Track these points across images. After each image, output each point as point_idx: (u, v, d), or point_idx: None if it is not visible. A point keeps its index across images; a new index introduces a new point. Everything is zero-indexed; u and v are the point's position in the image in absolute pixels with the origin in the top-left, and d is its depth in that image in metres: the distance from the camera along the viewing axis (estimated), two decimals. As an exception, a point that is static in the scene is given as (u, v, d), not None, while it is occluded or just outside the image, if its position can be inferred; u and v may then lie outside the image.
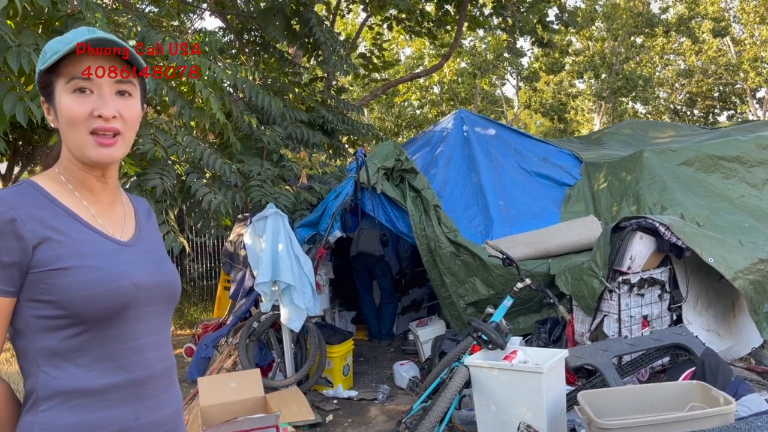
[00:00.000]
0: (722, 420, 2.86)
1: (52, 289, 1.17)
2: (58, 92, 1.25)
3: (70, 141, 1.25)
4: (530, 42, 12.20)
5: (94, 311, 1.19)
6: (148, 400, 1.26)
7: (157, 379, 1.29)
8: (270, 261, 4.99)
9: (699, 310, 4.86)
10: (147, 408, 1.26)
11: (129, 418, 1.22)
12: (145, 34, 4.72)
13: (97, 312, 1.20)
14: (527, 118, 28.54)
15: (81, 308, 1.18)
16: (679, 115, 24.12)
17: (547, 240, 5.42)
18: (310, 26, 7.29)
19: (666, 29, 19.72)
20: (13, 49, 3.62)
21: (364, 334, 7.10)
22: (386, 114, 20.66)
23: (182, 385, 5.78)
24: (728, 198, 5.68)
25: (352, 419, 4.73)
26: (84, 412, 1.18)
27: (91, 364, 1.20)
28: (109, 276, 1.22)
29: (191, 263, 11.47)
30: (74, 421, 1.17)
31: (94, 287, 1.19)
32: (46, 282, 1.17)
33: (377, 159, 5.65)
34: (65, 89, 1.24)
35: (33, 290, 1.17)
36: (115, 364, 1.22)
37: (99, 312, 1.20)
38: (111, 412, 1.20)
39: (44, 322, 1.18)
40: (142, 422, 1.24)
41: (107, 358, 1.22)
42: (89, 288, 1.19)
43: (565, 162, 6.77)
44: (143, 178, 4.78)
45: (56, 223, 1.20)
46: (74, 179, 1.29)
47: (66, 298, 1.17)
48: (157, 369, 1.29)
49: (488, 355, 3.78)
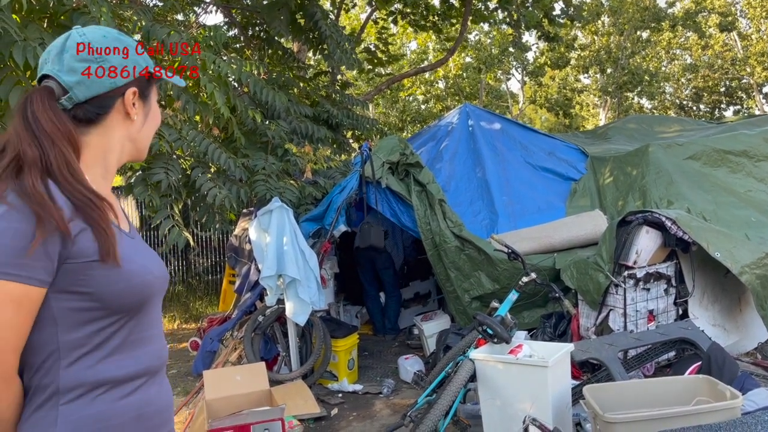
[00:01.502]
0: (729, 414, 2.85)
1: (91, 281, 1.17)
2: (152, 98, 1.38)
3: (147, 138, 1.37)
4: (536, 36, 12.16)
5: (126, 304, 1.22)
6: (157, 387, 1.30)
7: (162, 367, 1.34)
8: (275, 255, 4.99)
9: (705, 305, 4.84)
10: (157, 394, 1.30)
11: (143, 404, 1.26)
12: (149, 29, 4.72)
13: (129, 304, 1.22)
14: (532, 113, 28.46)
15: (115, 300, 1.20)
16: (685, 110, 24.02)
17: (552, 234, 5.40)
18: (315, 20, 7.27)
19: (672, 24, 19.58)
20: (19, 44, 3.62)
21: (369, 329, 7.11)
22: (391, 109, 20.62)
23: (188, 379, 5.80)
24: (735, 192, 5.65)
25: (357, 413, 4.73)
26: (106, 402, 1.20)
27: (112, 355, 1.22)
28: (140, 269, 1.24)
29: (196, 258, 11.49)
30: (97, 411, 1.19)
31: (129, 280, 1.21)
32: (85, 273, 1.16)
33: (382, 153, 5.64)
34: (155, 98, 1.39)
35: (68, 281, 1.15)
36: (133, 355, 1.25)
37: (130, 304, 1.23)
38: (129, 399, 1.23)
39: (75, 314, 1.17)
40: (153, 408, 1.28)
41: (127, 348, 1.24)
42: (126, 281, 1.20)
43: (571, 156, 6.74)
44: (148, 172, 4.78)
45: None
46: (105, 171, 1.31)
47: (104, 291, 1.18)
48: (163, 358, 1.34)
49: (493, 349, 3.78)
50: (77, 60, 1.24)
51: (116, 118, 1.30)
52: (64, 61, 1.24)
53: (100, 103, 1.27)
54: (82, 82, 1.24)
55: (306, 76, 8.65)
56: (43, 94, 1.22)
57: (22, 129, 1.18)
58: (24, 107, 1.21)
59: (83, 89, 1.24)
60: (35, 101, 1.20)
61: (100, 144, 1.29)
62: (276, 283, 5.07)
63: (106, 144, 1.30)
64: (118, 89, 1.28)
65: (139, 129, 1.35)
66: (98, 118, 1.28)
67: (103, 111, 1.28)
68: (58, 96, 1.23)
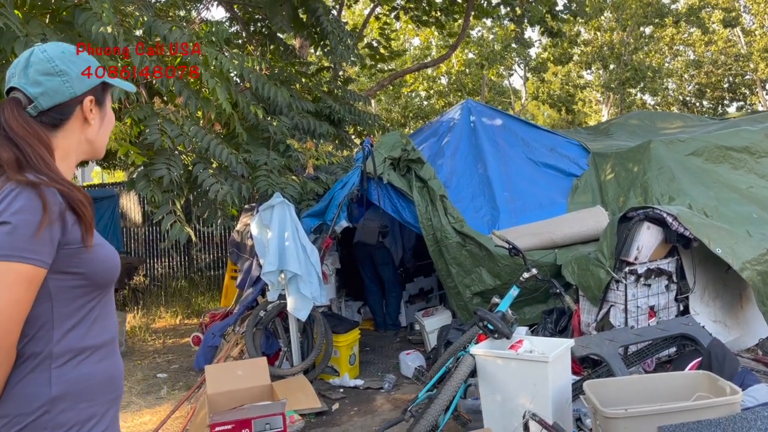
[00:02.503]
0: (728, 410, 2.85)
1: (82, 263, 1.39)
2: (107, 103, 1.58)
3: (103, 139, 1.58)
4: (539, 32, 12.13)
5: (105, 281, 1.46)
6: (118, 354, 1.55)
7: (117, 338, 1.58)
8: (276, 250, 5.00)
9: (706, 301, 4.84)
10: (119, 360, 1.54)
11: (113, 367, 1.50)
12: (151, 24, 4.72)
13: (106, 281, 1.47)
14: (535, 109, 28.40)
15: (100, 278, 1.44)
16: (688, 106, 23.96)
17: (553, 230, 5.40)
18: (317, 16, 7.26)
19: (676, 19, 19.53)
20: (21, 39, 3.63)
21: (370, 324, 7.13)
22: (393, 105, 20.61)
23: (190, 373, 5.83)
24: (737, 189, 5.64)
25: (358, 408, 4.75)
26: (88, 365, 1.42)
27: (93, 325, 1.45)
28: (111, 253, 1.48)
29: (198, 253, 11.52)
30: (82, 372, 1.41)
31: (108, 261, 1.46)
32: (78, 257, 1.38)
33: (384, 149, 5.64)
34: (109, 103, 1.60)
35: (65, 264, 1.37)
36: (104, 325, 1.48)
37: (106, 281, 1.47)
38: (104, 363, 1.47)
39: (69, 291, 1.39)
40: (118, 371, 1.53)
41: (101, 320, 1.47)
42: (106, 262, 1.45)
43: (573, 152, 6.73)
44: (150, 168, 4.79)
45: None
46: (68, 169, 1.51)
47: (92, 270, 1.42)
48: (117, 330, 1.58)
49: (494, 345, 3.79)
50: (40, 73, 1.43)
51: (76, 123, 1.50)
52: (29, 75, 1.43)
53: (62, 111, 1.46)
54: (45, 93, 1.43)
55: (308, 72, 8.65)
56: (12, 104, 1.41)
57: None
58: None
59: (46, 99, 1.43)
60: (5, 110, 1.40)
61: (64, 146, 1.49)
62: (277, 279, 5.08)
63: (69, 146, 1.50)
64: (77, 98, 1.48)
65: (97, 131, 1.55)
66: (61, 123, 1.47)
67: (64, 117, 1.47)
68: (24, 105, 1.42)
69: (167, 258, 11.82)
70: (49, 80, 1.43)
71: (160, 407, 4.98)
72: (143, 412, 4.90)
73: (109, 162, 11.77)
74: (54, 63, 1.44)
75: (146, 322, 8.35)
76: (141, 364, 6.39)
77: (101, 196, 11.23)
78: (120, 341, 6.75)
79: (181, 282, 10.78)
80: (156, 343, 7.29)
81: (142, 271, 11.32)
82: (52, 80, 1.43)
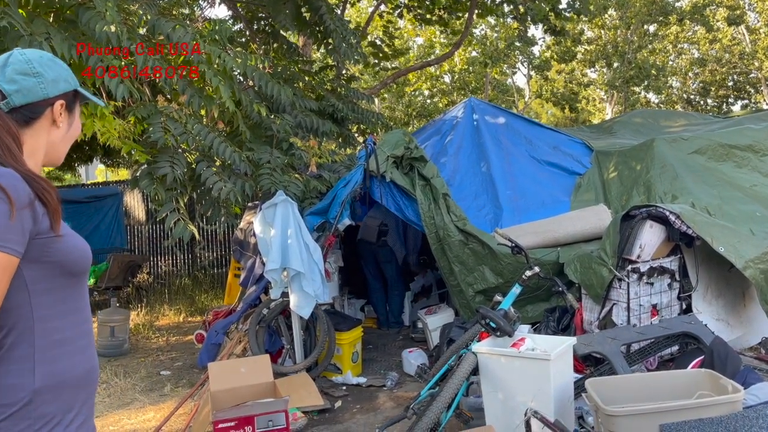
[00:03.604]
0: (730, 408, 2.86)
1: (56, 253, 1.42)
2: (76, 112, 1.63)
3: (66, 146, 1.62)
4: (542, 30, 12.11)
5: (78, 270, 1.48)
6: (93, 347, 1.57)
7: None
8: (279, 248, 5.01)
9: (709, 300, 4.84)
10: (95, 353, 1.57)
11: (92, 359, 1.53)
12: (155, 23, 4.73)
13: (80, 270, 1.49)
14: (538, 107, 28.37)
15: (73, 267, 1.46)
16: (692, 104, 23.88)
17: (556, 229, 5.40)
18: (321, 14, 7.27)
19: (680, 17, 19.46)
20: (25, 38, 3.65)
21: (373, 322, 7.14)
22: (396, 103, 20.60)
23: (193, 371, 5.85)
24: (740, 187, 5.64)
25: (360, 405, 4.76)
26: (68, 357, 1.46)
27: (69, 317, 1.48)
28: (81, 242, 1.51)
29: (202, 251, 11.55)
30: (63, 365, 1.44)
31: (78, 250, 1.48)
32: (50, 246, 1.40)
33: (387, 147, 5.65)
34: (78, 113, 1.64)
35: (38, 254, 1.39)
36: (81, 318, 1.52)
37: (80, 270, 1.49)
38: (83, 356, 1.50)
39: (44, 281, 1.41)
40: (96, 364, 1.55)
41: (77, 312, 1.50)
42: (76, 251, 1.47)
43: (576, 151, 6.73)
44: (154, 166, 4.81)
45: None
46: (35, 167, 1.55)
47: (65, 259, 1.44)
48: (91, 323, 1.59)
49: (496, 343, 3.79)
50: (17, 73, 1.50)
51: (44, 123, 1.55)
52: (6, 73, 1.49)
53: (33, 109, 1.52)
54: (19, 91, 1.49)
55: (311, 70, 8.66)
56: None
57: None
58: None
59: (20, 96, 1.49)
60: None
61: (31, 143, 1.54)
62: (280, 276, 5.09)
63: (36, 144, 1.55)
64: (48, 99, 1.54)
65: (62, 136, 1.59)
66: (30, 122, 1.53)
67: (34, 116, 1.53)
68: None
69: (171, 256, 11.85)
70: (25, 80, 1.49)
71: (164, 404, 5.00)
72: (147, 409, 4.92)
73: (113, 160, 11.79)
74: (32, 65, 1.52)
75: (150, 319, 8.38)
76: (144, 361, 6.41)
77: (105, 194, 11.26)
78: (124, 339, 6.77)
79: (184, 280, 10.80)
80: (159, 340, 7.32)
81: (145, 269, 11.34)
82: (28, 80, 1.50)
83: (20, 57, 1.52)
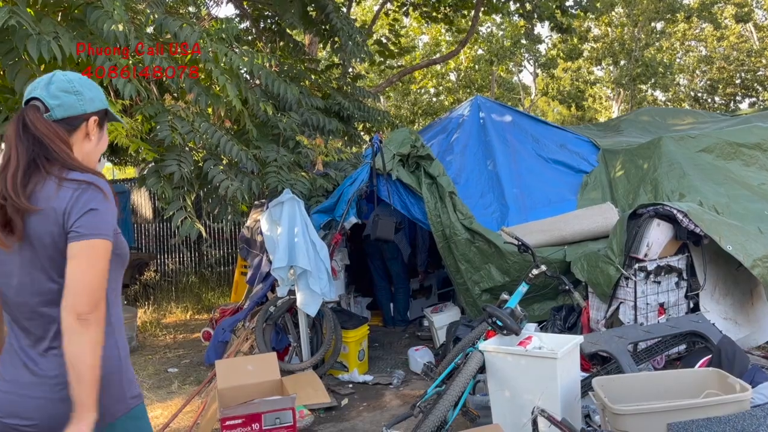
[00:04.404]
0: (738, 407, 2.85)
1: (118, 245, 1.72)
2: (105, 128, 1.88)
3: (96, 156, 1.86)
4: (549, 28, 12.07)
5: (126, 262, 1.81)
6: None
7: None
8: (286, 246, 5.02)
9: (716, 298, 4.82)
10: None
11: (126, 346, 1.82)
12: (162, 21, 4.74)
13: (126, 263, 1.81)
14: (545, 105, 28.27)
15: (124, 259, 1.78)
16: (700, 102, 23.74)
17: (563, 227, 5.39)
18: (327, 12, 7.27)
19: (687, 15, 19.35)
20: (33, 37, 3.66)
21: (379, 320, 7.14)
22: (402, 102, 20.57)
23: (200, 368, 5.87)
24: (748, 185, 5.60)
25: (367, 403, 4.77)
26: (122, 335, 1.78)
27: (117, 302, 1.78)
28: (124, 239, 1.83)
29: (209, 249, 11.58)
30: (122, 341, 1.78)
31: (126, 245, 1.81)
32: (119, 240, 1.74)
33: (393, 145, 5.65)
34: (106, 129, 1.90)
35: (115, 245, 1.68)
36: (120, 304, 1.80)
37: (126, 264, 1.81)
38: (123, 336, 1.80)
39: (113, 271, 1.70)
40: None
41: (118, 298, 1.80)
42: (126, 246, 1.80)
43: (583, 149, 6.71)
44: (161, 164, 4.82)
45: None
46: None
47: (123, 252, 1.77)
48: None
49: (503, 341, 3.79)
50: (60, 90, 1.72)
51: (79, 136, 1.78)
52: (50, 90, 1.72)
53: (71, 122, 1.75)
54: (61, 105, 1.72)
55: (317, 69, 8.66)
56: (33, 109, 1.69)
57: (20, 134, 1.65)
58: (20, 118, 1.67)
59: (61, 110, 1.72)
60: (29, 113, 1.68)
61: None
62: (287, 274, 5.10)
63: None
64: (85, 114, 1.77)
65: (92, 148, 1.82)
66: (68, 133, 1.74)
67: (72, 128, 1.75)
68: (42, 113, 1.70)
69: (178, 254, 11.89)
70: (67, 96, 1.72)
71: (171, 401, 5.03)
72: (154, 406, 4.94)
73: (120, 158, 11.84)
74: (73, 84, 1.75)
75: (157, 317, 8.41)
76: (152, 358, 6.44)
77: (112, 192, 11.27)
78: (131, 336, 6.80)
79: (191, 278, 10.83)
80: (167, 338, 7.35)
81: (152, 267, 11.39)
82: (69, 97, 1.72)
83: (63, 77, 1.75)
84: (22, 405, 1.60)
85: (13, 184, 1.58)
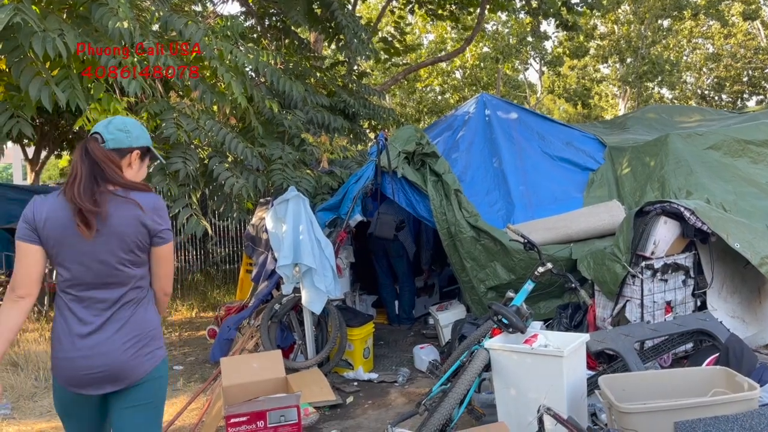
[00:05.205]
0: (746, 406, 2.83)
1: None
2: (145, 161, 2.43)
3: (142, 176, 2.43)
4: (555, 25, 12.02)
5: None
6: None
7: None
8: (291, 244, 5.02)
9: (724, 296, 4.79)
10: None
11: None
12: (167, 19, 4.75)
13: None
14: (550, 103, 28.19)
15: None
16: (707, 100, 23.63)
17: (569, 225, 5.37)
18: (332, 10, 7.26)
19: (694, 12, 19.24)
20: (39, 35, 3.67)
21: (385, 318, 7.14)
22: (407, 99, 20.55)
23: (205, 366, 5.88)
24: (756, 183, 5.57)
25: (372, 401, 4.77)
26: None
27: None
28: None
29: (214, 247, 11.59)
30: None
31: None
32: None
33: (398, 143, 5.64)
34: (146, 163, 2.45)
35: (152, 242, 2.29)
36: None
37: None
38: None
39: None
40: None
41: None
42: None
43: (589, 146, 6.68)
44: (166, 161, 4.82)
45: None
46: None
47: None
48: None
49: (508, 339, 3.78)
50: (115, 129, 2.31)
51: (124, 163, 2.32)
52: (109, 128, 2.30)
53: (120, 153, 2.31)
54: (114, 139, 2.29)
55: (323, 66, 8.65)
56: (94, 139, 2.28)
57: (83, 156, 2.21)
58: (84, 145, 2.24)
59: (113, 143, 2.30)
60: (91, 142, 2.25)
61: None
62: (292, 272, 5.10)
63: None
64: (131, 148, 2.34)
65: (133, 175, 2.35)
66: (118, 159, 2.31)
67: (120, 157, 2.31)
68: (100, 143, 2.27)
69: (183, 251, 11.90)
70: (119, 133, 2.30)
71: (176, 399, 5.03)
72: (160, 404, 4.94)
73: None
74: (126, 125, 2.32)
75: (162, 315, 8.42)
76: (157, 356, 6.43)
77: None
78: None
79: (196, 275, 10.85)
80: (172, 335, 7.36)
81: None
82: (121, 134, 2.30)
83: (119, 120, 2.33)
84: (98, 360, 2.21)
85: (79, 193, 2.13)
